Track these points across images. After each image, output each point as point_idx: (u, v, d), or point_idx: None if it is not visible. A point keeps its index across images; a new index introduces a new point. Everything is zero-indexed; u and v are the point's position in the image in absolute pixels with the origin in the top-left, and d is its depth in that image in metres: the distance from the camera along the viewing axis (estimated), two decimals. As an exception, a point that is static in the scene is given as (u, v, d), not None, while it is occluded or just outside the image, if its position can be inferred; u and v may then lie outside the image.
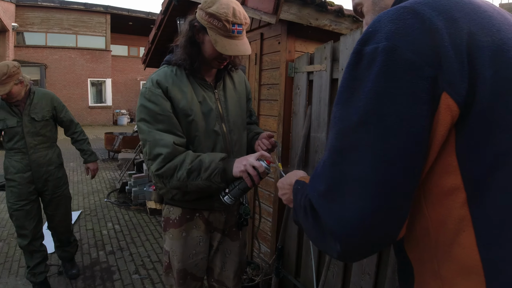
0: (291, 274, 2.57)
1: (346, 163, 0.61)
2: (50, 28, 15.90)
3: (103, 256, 3.34)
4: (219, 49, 1.35)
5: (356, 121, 0.60)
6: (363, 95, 0.60)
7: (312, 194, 0.68)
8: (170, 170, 1.36)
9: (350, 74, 0.63)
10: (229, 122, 1.56)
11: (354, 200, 0.59)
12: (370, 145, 0.58)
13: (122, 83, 19.29)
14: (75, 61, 16.38)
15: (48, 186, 2.63)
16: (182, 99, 1.43)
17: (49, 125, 2.62)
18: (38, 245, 2.62)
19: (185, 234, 1.60)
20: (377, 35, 0.61)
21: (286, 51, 2.37)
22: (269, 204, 2.70)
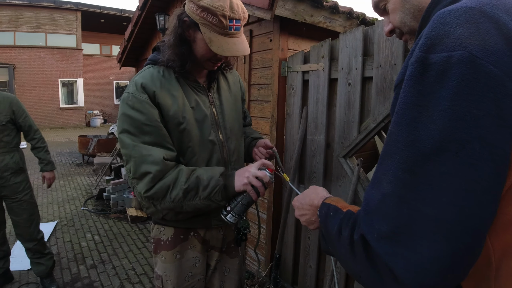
0: (288, 282, 2.47)
1: (418, 199, 0.51)
2: (19, 27, 15.13)
3: (84, 270, 3.11)
4: (215, 50, 1.15)
5: (430, 148, 0.50)
6: (437, 116, 0.50)
7: (371, 235, 0.57)
8: (161, 191, 1.17)
9: (415, 88, 0.53)
10: (225, 129, 1.37)
11: (427, 243, 0.50)
12: (449, 177, 0.49)
13: (94, 83, 18.63)
14: (44, 61, 15.68)
15: (5, 192, 2.55)
16: (173, 105, 1.22)
17: (7, 130, 2.49)
18: None
19: (180, 256, 1.40)
20: (446, 41, 0.51)
21: (279, 49, 2.25)
22: (262, 211, 2.57)
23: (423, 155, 0.51)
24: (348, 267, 0.67)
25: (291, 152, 2.32)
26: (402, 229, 0.52)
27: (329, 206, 0.79)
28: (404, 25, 0.75)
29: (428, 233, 0.50)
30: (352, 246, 0.63)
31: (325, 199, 0.86)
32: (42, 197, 5.28)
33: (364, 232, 0.59)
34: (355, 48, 1.80)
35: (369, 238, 0.57)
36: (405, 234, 0.52)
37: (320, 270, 2.21)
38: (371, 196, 0.59)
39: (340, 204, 0.78)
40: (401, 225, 0.52)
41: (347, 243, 0.64)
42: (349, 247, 0.63)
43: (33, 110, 15.24)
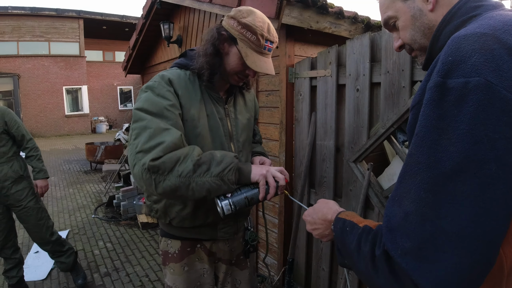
0: (301, 285, 2.49)
1: (440, 217, 0.54)
2: (22, 36, 15.25)
3: (98, 279, 3.16)
4: (250, 64, 1.21)
5: (451, 169, 0.53)
6: (456, 138, 0.53)
7: (395, 251, 0.60)
8: (170, 162, 1.07)
9: (434, 112, 0.56)
10: (238, 141, 1.41)
11: (450, 258, 0.54)
12: (468, 196, 0.52)
13: (99, 90, 18.75)
14: (48, 69, 15.80)
15: (10, 200, 2.62)
16: (192, 107, 1.26)
17: (2, 140, 2.56)
18: (9, 253, 2.70)
19: (188, 268, 1.44)
20: (463, 67, 0.54)
21: (286, 55, 2.28)
22: (274, 215, 2.60)
23: (444, 175, 0.54)
24: (368, 281, 0.70)
25: (300, 157, 2.35)
26: (426, 245, 0.55)
27: (344, 221, 0.82)
28: (414, 42, 0.78)
29: (450, 248, 0.53)
30: (373, 261, 0.65)
31: (339, 213, 0.88)
32: (52, 206, 5.34)
33: (388, 248, 0.61)
34: (362, 54, 1.82)
35: (393, 254, 0.60)
36: (428, 250, 0.55)
37: (333, 272, 2.23)
38: (393, 213, 0.62)
39: (355, 219, 0.81)
40: (425, 242, 0.55)
41: (369, 258, 0.66)
42: (370, 262, 0.66)
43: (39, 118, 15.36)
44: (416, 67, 1.61)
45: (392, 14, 0.80)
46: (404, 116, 1.66)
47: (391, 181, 1.89)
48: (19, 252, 2.78)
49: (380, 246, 0.65)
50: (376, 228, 0.71)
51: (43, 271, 3.28)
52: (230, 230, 1.44)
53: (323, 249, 2.26)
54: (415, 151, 0.59)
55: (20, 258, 2.79)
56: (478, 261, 0.53)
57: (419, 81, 1.61)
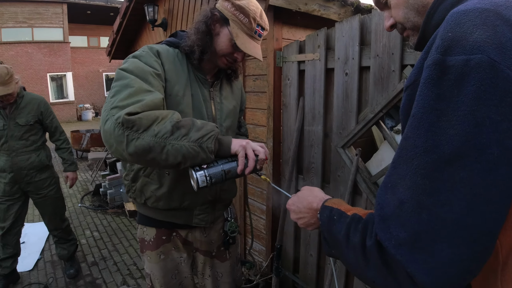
0: (289, 271, 2.49)
1: (437, 205, 0.51)
2: (4, 23, 14.75)
3: (86, 268, 3.11)
4: (239, 44, 1.21)
5: (450, 153, 0.50)
6: (456, 121, 0.50)
7: (388, 242, 0.56)
8: (147, 120, 0.99)
9: (432, 92, 0.52)
10: (221, 126, 1.38)
11: (448, 248, 0.51)
12: (469, 183, 0.49)
13: (84, 76, 18.34)
14: (32, 56, 15.36)
15: (31, 187, 2.71)
16: (178, 83, 1.24)
17: (34, 129, 2.66)
18: (11, 240, 2.70)
19: (164, 257, 1.43)
20: (463, 43, 0.50)
21: (274, 39, 2.22)
22: (262, 202, 2.58)
23: (442, 160, 0.51)
24: (357, 273, 0.67)
25: (288, 143, 2.31)
26: (422, 235, 0.52)
27: (331, 210, 0.78)
28: (407, 20, 0.73)
29: (448, 238, 0.51)
30: (364, 252, 0.62)
31: (325, 201, 0.85)
32: (38, 195, 5.24)
33: (381, 239, 0.58)
34: (351, 37, 1.78)
35: (386, 244, 0.57)
36: (425, 240, 0.52)
37: (321, 259, 2.24)
38: (386, 201, 0.59)
39: (343, 207, 0.77)
40: (421, 231, 0.52)
41: (358, 249, 0.63)
42: (360, 253, 0.63)
43: (23, 106, 15.01)
44: (406, 51, 1.57)
45: None
46: (393, 100, 1.63)
47: (379, 167, 1.87)
48: (18, 244, 2.79)
49: (371, 236, 0.62)
50: (367, 216, 0.68)
51: (30, 262, 3.22)
52: (207, 218, 1.41)
53: (311, 235, 2.25)
54: (411, 134, 0.55)
55: (17, 251, 2.79)
56: (477, 251, 0.51)
57: (409, 65, 1.58)
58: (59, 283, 2.87)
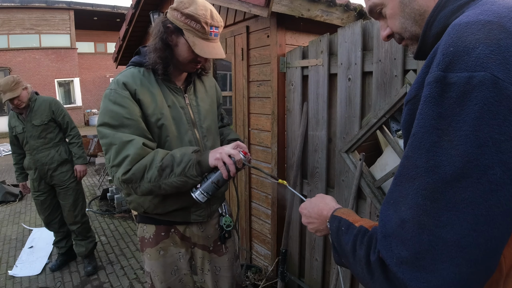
0: (295, 275, 2.50)
1: (439, 225, 0.50)
2: (12, 30, 14.96)
3: (93, 272, 3.15)
4: (198, 52, 1.27)
5: (451, 174, 0.49)
6: (458, 141, 0.48)
7: (390, 260, 0.56)
8: (138, 172, 1.22)
9: (433, 111, 0.51)
10: (202, 127, 1.48)
11: (449, 267, 0.50)
12: (470, 203, 0.48)
13: (91, 81, 18.53)
14: (39, 62, 15.55)
15: (55, 181, 3.00)
16: (152, 102, 1.33)
17: (50, 127, 2.95)
18: (56, 227, 3.15)
19: (163, 253, 1.50)
20: (466, 59, 0.49)
21: (277, 45, 2.24)
22: (267, 206, 2.59)
23: (444, 181, 0.50)
24: (365, 284, 0.67)
25: (293, 148, 2.33)
26: (423, 255, 0.52)
27: (340, 220, 0.78)
28: (405, 30, 0.72)
29: (449, 258, 0.50)
30: (369, 267, 0.62)
31: (335, 210, 0.85)
32: (46, 200, 5.29)
33: (383, 256, 0.58)
34: (354, 43, 1.79)
35: (389, 262, 0.57)
36: (426, 259, 0.52)
37: (326, 263, 2.24)
38: (388, 218, 0.59)
39: (351, 218, 0.77)
40: (422, 251, 0.52)
41: (364, 263, 0.63)
42: (365, 267, 0.63)
43: (31, 111, 15.17)
44: (408, 56, 1.58)
45: (378, 1, 0.73)
46: (396, 105, 1.64)
47: (383, 171, 1.88)
48: (65, 226, 3.18)
49: (375, 251, 0.62)
50: (372, 230, 0.68)
51: (38, 267, 3.27)
52: (203, 213, 1.50)
53: (316, 240, 2.26)
54: (412, 154, 0.54)
55: (67, 231, 3.20)
56: (479, 270, 0.50)
57: (412, 70, 1.59)
58: (66, 287, 2.90)
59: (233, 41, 2.65)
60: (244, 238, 2.92)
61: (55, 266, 3.20)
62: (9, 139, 3.04)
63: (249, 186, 2.75)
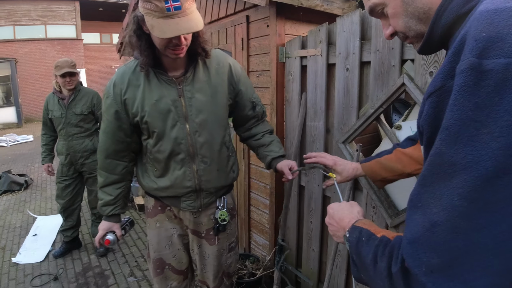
0: (292, 265, 2.51)
1: (476, 229, 0.46)
2: (18, 21, 15.07)
3: (95, 260, 3.20)
4: (157, 34, 1.21)
5: (493, 170, 0.44)
6: (500, 132, 0.44)
7: (418, 268, 0.52)
8: None
9: (469, 101, 0.47)
10: (194, 122, 1.44)
11: (485, 275, 0.46)
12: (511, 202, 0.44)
13: (97, 72, 18.60)
14: (45, 53, 15.66)
15: (85, 168, 3.19)
16: (136, 99, 1.40)
17: (88, 118, 3.13)
18: (70, 214, 3.26)
19: (159, 225, 1.63)
20: (501, 45, 0.45)
21: (276, 34, 2.22)
22: (265, 196, 2.60)
23: (484, 178, 0.45)
24: None
25: (291, 139, 2.33)
26: (457, 262, 0.48)
27: (361, 230, 0.74)
28: (409, 29, 0.69)
29: (487, 266, 0.46)
30: (390, 279, 0.58)
31: (356, 221, 0.81)
32: (51, 189, 5.37)
33: (408, 265, 0.54)
34: (352, 33, 1.77)
35: (416, 272, 0.52)
36: (460, 267, 0.48)
37: (323, 253, 2.25)
38: (415, 222, 0.54)
39: (373, 228, 0.73)
40: (456, 258, 0.48)
41: (385, 275, 0.59)
42: (387, 280, 0.59)
43: (37, 102, 15.31)
44: (406, 46, 1.56)
45: (379, 1, 0.71)
46: (393, 96, 1.63)
47: (380, 162, 1.87)
48: (76, 216, 3.31)
49: (397, 262, 0.57)
50: (394, 240, 0.63)
51: (41, 254, 3.33)
52: (193, 204, 1.55)
53: (313, 230, 2.27)
54: (447, 150, 0.49)
55: (76, 221, 3.32)
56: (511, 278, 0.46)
57: (409, 59, 1.57)
58: (68, 274, 2.96)
59: (233, 30, 2.64)
60: (243, 228, 2.94)
61: (58, 253, 3.26)
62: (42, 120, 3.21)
63: (248, 176, 2.76)
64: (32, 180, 5.99)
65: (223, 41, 2.80)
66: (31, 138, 11.08)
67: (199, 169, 1.51)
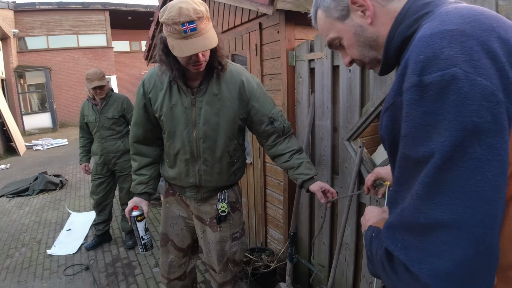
0: (305, 258, 2.63)
1: (433, 207, 0.55)
2: (51, 31, 15.93)
3: (123, 252, 3.45)
4: (176, 53, 1.40)
5: (441, 159, 0.54)
6: (444, 129, 0.54)
7: (394, 246, 0.60)
8: None
9: (417, 111, 0.57)
10: (200, 129, 1.63)
11: (449, 248, 0.53)
12: (459, 181, 0.53)
13: (127, 79, 19.36)
14: (78, 61, 16.44)
15: (117, 167, 3.50)
16: (157, 100, 1.65)
17: (119, 121, 3.43)
18: (102, 209, 3.59)
19: (168, 205, 1.91)
20: (436, 62, 0.56)
21: (286, 39, 2.37)
22: (279, 192, 2.74)
23: (436, 167, 0.54)
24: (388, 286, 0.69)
25: (302, 137, 2.46)
26: (423, 237, 0.55)
27: (373, 229, 0.80)
28: (364, 56, 0.81)
29: (449, 238, 0.53)
30: (383, 264, 0.65)
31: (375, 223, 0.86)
32: (84, 189, 5.73)
33: (388, 246, 0.62)
34: (353, 36, 1.89)
35: (392, 249, 0.60)
36: (427, 242, 0.55)
37: (333, 246, 2.36)
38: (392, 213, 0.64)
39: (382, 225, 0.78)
40: (422, 234, 0.55)
41: (380, 262, 0.67)
42: (381, 265, 0.66)
43: (71, 108, 16.08)
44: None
45: (335, 36, 0.82)
46: (392, 94, 1.73)
47: (384, 158, 1.97)
48: (108, 211, 3.65)
49: (381, 246, 0.65)
50: None
51: (74, 246, 3.62)
52: (195, 196, 1.77)
53: (323, 224, 2.38)
54: (409, 152, 0.59)
55: (108, 216, 3.65)
56: (481, 251, 0.52)
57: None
58: (99, 264, 3.21)
59: (248, 37, 2.81)
60: (260, 223, 3.09)
61: (90, 246, 3.54)
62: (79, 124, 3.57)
63: (264, 174, 2.91)
64: (67, 180, 6.42)
65: (239, 47, 2.98)
66: (66, 142, 11.72)
67: (201, 169, 1.71)
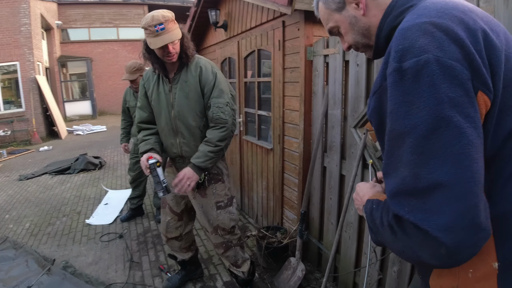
0: (316, 238, 2.88)
1: (430, 171, 0.62)
2: (92, 23, 16.76)
3: (154, 225, 3.84)
4: (152, 47, 1.90)
5: (426, 129, 0.62)
6: (424, 104, 0.63)
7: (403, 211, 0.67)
8: None
9: (399, 90, 0.67)
10: (175, 110, 2.11)
11: (448, 205, 0.60)
12: (447, 147, 0.61)
13: (163, 71, 20.02)
14: (117, 53, 17.18)
15: None
16: (149, 89, 2.18)
17: None
18: (137, 185, 3.98)
19: (167, 174, 2.35)
20: (412, 50, 0.65)
21: (305, 36, 2.62)
22: (295, 176, 3.00)
23: (422, 137, 0.62)
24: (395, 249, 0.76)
25: (317, 125, 2.70)
26: (426, 199, 0.62)
27: (372, 202, 0.86)
28: (357, 43, 0.93)
29: (447, 197, 0.60)
30: (392, 228, 0.71)
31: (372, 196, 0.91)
32: (121, 170, 6.23)
33: (396, 211, 0.68)
34: (362, 34, 2.12)
35: (401, 213, 0.67)
36: (429, 202, 0.62)
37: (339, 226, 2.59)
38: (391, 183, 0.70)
39: (381, 197, 0.85)
40: (425, 196, 0.63)
41: (387, 227, 0.73)
42: (389, 230, 0.72)
43: (110, 97, 16.89)
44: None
45: (333, 25, 0.94)
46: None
47: (386, 145, 2.18)
48: (144, 189, 4.05)
49: (389, 213, 0.73)
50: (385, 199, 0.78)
51: (110, 218, 4.05)
52: (181, 165, 2.22)
53: (332, 205, 2.62)
54: (395, 126, 0.68)
55: (142, 192, 4.03)
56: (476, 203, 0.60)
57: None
58: (131, 234, 3.62)
59: (273, 34, 3.08)
60: (277, 205, 3.37)
61: (124, 218, 3.95)
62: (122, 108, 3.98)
63: (282, 159, 3.18)
64: (105, 162, 6.98)
65: (265, 43, 3.25)
66: (104, 128, 12.49)
67: (181, 142, 2.17)
